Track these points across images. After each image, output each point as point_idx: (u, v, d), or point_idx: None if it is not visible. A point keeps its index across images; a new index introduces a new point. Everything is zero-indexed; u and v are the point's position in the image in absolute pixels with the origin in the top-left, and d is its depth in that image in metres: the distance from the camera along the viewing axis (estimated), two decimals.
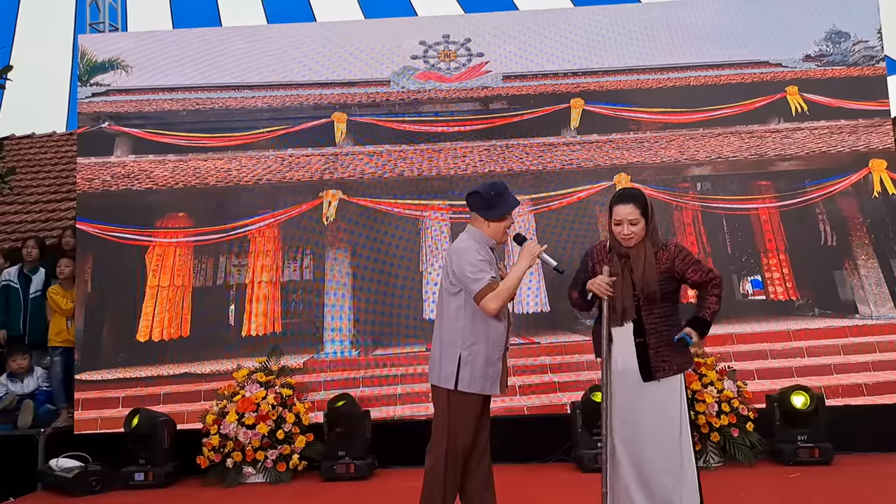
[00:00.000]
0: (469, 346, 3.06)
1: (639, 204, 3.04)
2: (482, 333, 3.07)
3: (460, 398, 3.06)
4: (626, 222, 3.02)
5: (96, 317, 5.73)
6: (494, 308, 3.00)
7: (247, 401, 5.06)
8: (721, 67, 6.04)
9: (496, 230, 3.15)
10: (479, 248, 3.09)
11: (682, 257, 3.06)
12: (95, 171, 5.96)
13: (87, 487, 4.79)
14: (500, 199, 3.11)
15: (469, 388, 3.06)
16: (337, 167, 5.95)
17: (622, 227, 3.03)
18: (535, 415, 5.30)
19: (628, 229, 3.02)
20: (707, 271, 3.08)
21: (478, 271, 3.01)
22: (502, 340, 3.13)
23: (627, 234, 3.03)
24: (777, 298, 5.66)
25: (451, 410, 3.08)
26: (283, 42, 6.23)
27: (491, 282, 3.01)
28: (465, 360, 3.05)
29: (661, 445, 2.98)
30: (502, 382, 3.16)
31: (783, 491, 4.18)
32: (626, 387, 3.04)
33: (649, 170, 5.87)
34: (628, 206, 3.03)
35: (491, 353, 3.09)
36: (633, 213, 3.02)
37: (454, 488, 3.11)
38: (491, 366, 3.09)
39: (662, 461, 2.97)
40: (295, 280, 5.85)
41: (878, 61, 5.95)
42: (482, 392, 3.09)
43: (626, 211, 3.02)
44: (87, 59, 6.21)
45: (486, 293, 2.99)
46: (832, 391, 5.21)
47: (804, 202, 5.79)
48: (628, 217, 3.02)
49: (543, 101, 6.00)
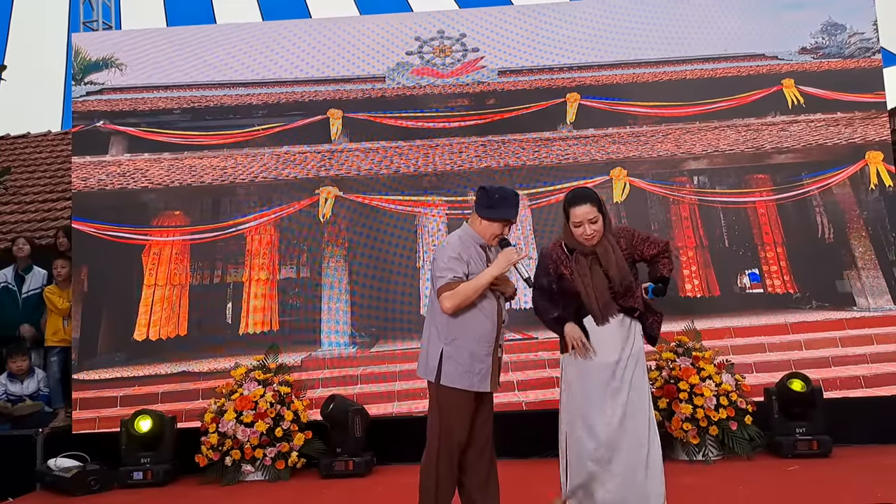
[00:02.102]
0: (451, 342, 3.07)
1: (594, 202, 3.09)
2: (463, 329, 3.07)
3: (449, 393, 3.07)
4: (586, 223, 3.07)
5: (93, 316, 5.71)
6: (449, 306, 3.01)
7: (245, 399, 5.05)
8: (717, 61, 6.03)
9: (486, 231, 3.14)
10: (459, 247, 3.09)
11: (634, 237, 3.19)
12: (91, 170, 5.94)
13: (85, 487, 4.78)
14: (500, 204, 3.11)
15: (453, 383, 3.06)
16: (333, 164, 5.94)
17: (583, 228, 3.07)
18: (533, 410, 5.30)
19: (590, 229, 3.07)
20: (658, 242, 3.23)
21: (445, 269, 3.04)
22: (490, 337, 3.11)
23: (590, 234, 3.09)
24: (774, 291, 5.66)
25: (441, 405, 3.09)
26: (278, 39, 6.21)
27: (452, 280, 3.02)
28: (446, 355, 3.07)
29: (639, 424, 3.12)
30: (493, 379, 3.13)
31: (782, 484, 4.18)
32: (611, 375, 3.13)
33: (646, 164, 5.86)
34: (585, 206, 3.08)
35: (476, 348, 3.08)
36: (591, 211, 3.07)
37: (448, 482, 3.10)
38: (478, 362, 3.08)
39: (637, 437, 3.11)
40: (292, 277, 5.84)
41: (874, 53, 5.94)
42: (469, 388, 3.07)
43: (585, 211, 3.07)
44: (81, 58, 6.18)
45: (445, 290, 3.01)
46: (830, 384, 5.21)
47: (801, 195, 5.79)
48: (588, 217, 3.06)
49: (539, 96, 5.99)
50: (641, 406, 3.14)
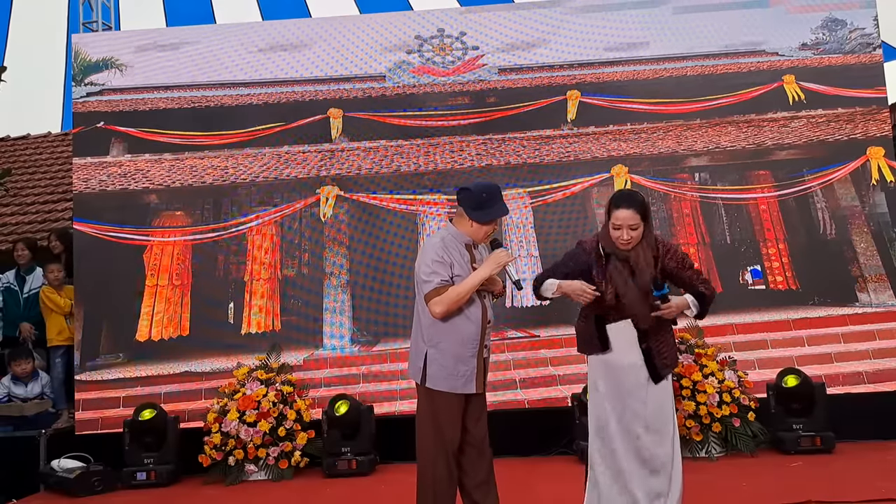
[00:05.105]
0: (436, 344, 3.05)
1: (640, 208, 2.95)
2: (448, 332, 3.04)
3: (437, 394, 3.05)
4: (626, 227, 2.93)
5: (95, 317, 5.71)
6: (439, 312, 2.97)
7: (248, 398, 5.05)
8: (717, 57, 6.02)
9: (477, 232, 3.09)
10: (441, 250, 3.04)
11: (672, 255, 3.04)
12: (91, 171, 5.94)
13: (89, 488, 4.79)
14: (490, 203, 3.05)
15: (437, 386, 3.04)
16: (333, 163, 5.94)
17: (621, 233, 2.94)
18: (536, 408, 5.30)
19: (628, 234, 2.94)
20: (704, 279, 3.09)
21: (430, 272, 2.99)
22: (474, 340, 3.06)
23: (627, 240, 2.96)
24: (777, 288, 5.66)
25: (431, 406, 3.07)
26: (278, 38, 6.21)
27: (440, 285, 2.97)
28: (431, 358, 3.05)
29: (661, 433, 3.02)
30: (478, 381, 3.08)
31: (785, 480, 4.18)
32: (635, 380, 3.03)
33: (647, 161, 5.85)
34: (629, 210, 2.93)
35: (461, 351, 3.04)
36: (633, 218, 2.93)
37: (447, 485, 3.07)
38: (463, 364, 3.05)
39: (659, 445, 3.02)
40: (293, 277, 5.84)
41: (875, 48, 5.93)
42: (453, 391, 3.04)
43: (627, 216, 2.93)
44: (81, 59, 6.18)
45: (433, 296, 2.97)
46: (833, 380, 5.20)
47: (802, 191, 5.78)
48: (629, 222, 2.93)
49: (539, 94, 5.98)
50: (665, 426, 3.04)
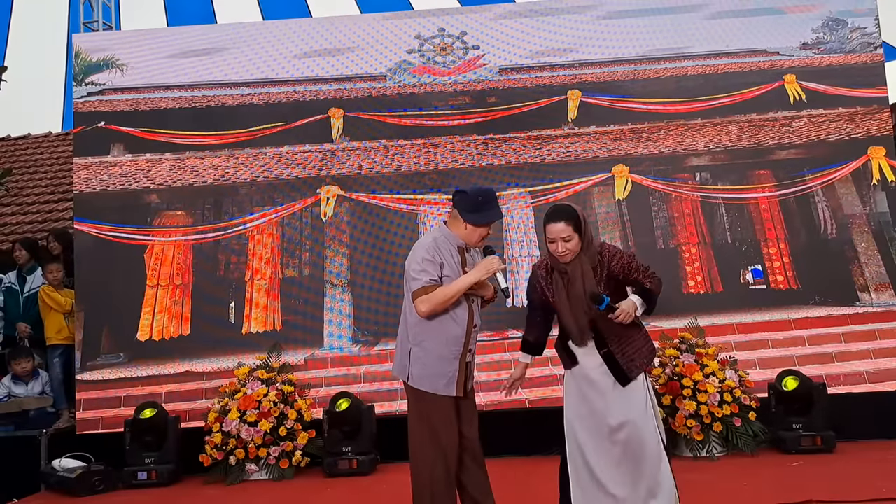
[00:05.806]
0: (419, 343, 3.06)
1: (570, 220, 2.98)
2: (433, 332, 3.04)
3: (427, 395, 3.06)
4: (559, 240, 2.98)
5: (96, 317, 5.71)
6: (424, 311, 2.99)
7: (248, 398, 5.05)
8: (718, 56, 6.02)
9: (471, 235, 3.11)
10: (433, 249, 3.06)
11: (617, 261, 3.04)
12: (92, 170, 5.94)
13: (90, 487, 4.79)
14: (485, 207, 3.07)
15: (419, 385, 3.05)
16: (334, 163, 5.94)
17: (556, 245, 2.99)
18: (537, 407, 5.30)
19: (562, 247, 2.98)
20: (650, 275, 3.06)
21: (420, 270, 3.01)
22: (458, 342, 3.07)
23: (562, 252, 3.00)
24: (778, 287, 5.65)
25: (422, 407, 3.08)
26: (278, 38, 6.21)
27: (428, 283, 2.99)
28: (414, 356, 3.06)
29: (638, 434, 2.99)
30: (459, 385, 3.08)
31: (786, 479, 4.17)
32: (604, 386, 3.03)
33: (648, 160, 5.85)
34: (559, 223, 2.98)
35: (444, 352, 3.05)
36: (564, 230, 2.97)
37: (443, 484, 3.06)
38: (446, 365, 3.05)
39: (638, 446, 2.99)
40: (294, 277, 5.84)
41: (876, 48, 5.93)
42: (434, 392, 3.04)
43: (558, 229, 2.97)
44: (82, 59, 6.18)
45: (420, 294, 2.99)
46: (834, 379, 5.20)
47: (803, 191, 5.78)
48: (561, 235, 2.97)
49: (540, 94, 5.98)
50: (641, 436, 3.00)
